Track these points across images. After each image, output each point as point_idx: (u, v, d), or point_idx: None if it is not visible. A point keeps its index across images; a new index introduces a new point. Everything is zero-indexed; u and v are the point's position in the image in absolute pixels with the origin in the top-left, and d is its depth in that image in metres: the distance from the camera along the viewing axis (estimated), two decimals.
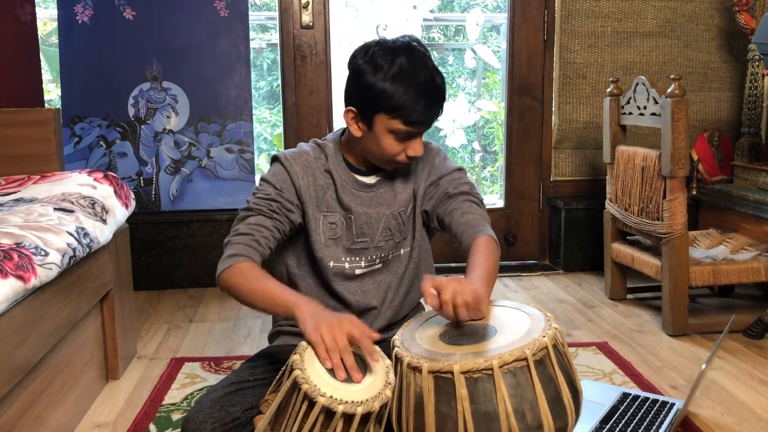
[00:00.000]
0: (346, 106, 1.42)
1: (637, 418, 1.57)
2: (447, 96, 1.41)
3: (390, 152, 1.40)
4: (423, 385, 1.07)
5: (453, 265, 3.05)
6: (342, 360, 1.11)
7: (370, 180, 1.50)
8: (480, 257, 1.34)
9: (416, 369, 1.09)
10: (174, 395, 1.84)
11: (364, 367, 1.14)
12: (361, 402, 1.06)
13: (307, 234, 1.47)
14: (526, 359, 1.05)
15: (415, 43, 1.40)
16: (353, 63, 1.40)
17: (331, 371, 1.10)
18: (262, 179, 1.47)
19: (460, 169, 1.53)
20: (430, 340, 1.16)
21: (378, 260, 1.50)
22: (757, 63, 2.68)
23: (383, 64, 1.35)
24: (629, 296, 2.67)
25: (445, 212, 1.47)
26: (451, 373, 1.05)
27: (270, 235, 1.41)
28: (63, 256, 1.48)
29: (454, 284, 1.17)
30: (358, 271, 1.49)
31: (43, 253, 1.41)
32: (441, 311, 1.19)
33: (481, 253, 1.35)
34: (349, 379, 1.10)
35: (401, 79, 1.34)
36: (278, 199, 1.43)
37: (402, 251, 1.52)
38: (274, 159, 1.49)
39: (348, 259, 1.48)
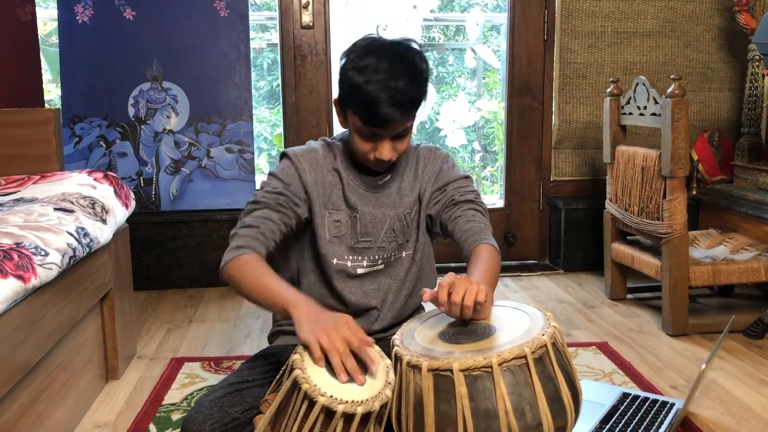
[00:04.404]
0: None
1: (637, 418, 1.57)
2: (419, 102, 1.37)
3: (360, 149, 1.41)
4: (422, 384, 1.07)
5: (453, 265, 3.05)
6: (344, 363, 1.11)
7: (378, 180, 1.50)
8: (482, 262, 1.35)
9: (416, 367, 1.08)
10: (174, 395, 1.84)
11: (364, 367, 1.13)
12: (361, 402, 1.06)
13: (313, 230, 1.47)
14: (525, 357, 1.05)
15: (401, 45, 1.37)
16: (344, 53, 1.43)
17: (331, 370, 1.10)
18: (270, 174, 1.48)
19: (467, 177, 1.54)
20: (430, 339, 1.16)
21: (380, 261, 1.51)
22: (757, 63, 2.68)
23: (357, 59, 1.35)
24: (629, 296, 2.67)
25: (450, 218, 1.48)
26: (451, 371, 1.05)
27: (276, 228, 1.41)
28: (63, 256, 1.48)
29: (464, 283, 1.17)
30: (360, 271, 1.49)
31: (43, 253, 1.41)
32: (448, 310, 1.18)
33: (484, 259, 1.37)
34: (349, 379, 1.10)
35: (368, 78, 1.32)
36: (285, 193, 1.44)
37: (404, 254, 1.52)
38: (283, 155, 1.50)
39: (351, 257, 1.48)
